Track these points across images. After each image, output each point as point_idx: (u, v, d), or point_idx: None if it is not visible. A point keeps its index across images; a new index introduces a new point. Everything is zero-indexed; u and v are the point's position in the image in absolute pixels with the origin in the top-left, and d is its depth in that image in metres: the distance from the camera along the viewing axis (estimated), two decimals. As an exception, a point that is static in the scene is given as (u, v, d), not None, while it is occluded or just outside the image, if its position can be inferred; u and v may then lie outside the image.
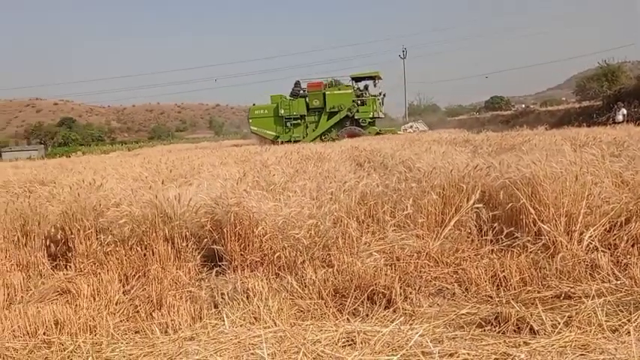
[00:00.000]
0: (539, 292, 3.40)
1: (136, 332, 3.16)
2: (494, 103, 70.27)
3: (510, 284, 3.54)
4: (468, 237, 4.38)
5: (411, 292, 3.45)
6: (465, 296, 3.50)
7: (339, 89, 27.18)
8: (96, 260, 4.49)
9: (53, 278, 4.41)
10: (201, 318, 3.25)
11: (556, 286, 3.45)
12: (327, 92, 26.89)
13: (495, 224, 4.30)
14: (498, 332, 2.79)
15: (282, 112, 27.25)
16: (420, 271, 3.78)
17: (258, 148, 15.86)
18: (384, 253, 4.00)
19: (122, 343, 2.86)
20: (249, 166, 8.59)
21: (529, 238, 4.07)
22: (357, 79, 27.73)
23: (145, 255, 4.33)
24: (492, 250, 4.12)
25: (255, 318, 3.15)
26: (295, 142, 24.24)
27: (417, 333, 2.47)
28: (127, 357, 2.62)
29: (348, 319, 3.10)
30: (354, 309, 3.29)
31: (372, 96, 27.34)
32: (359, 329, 2.62)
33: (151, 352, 2.65)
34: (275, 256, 4.03)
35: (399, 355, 2.29)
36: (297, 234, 4.04)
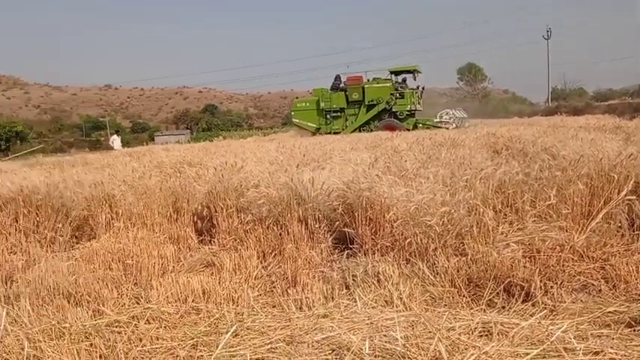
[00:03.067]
0: (703, 295, 3.04)
1: (273, 306, 3.33)
2: (652, 87, 63.22)
3: (668, 284, 3.20)
4: (617, 231, 4.02)
5: (552, 287, 3.25)
6: (613, 294, 3.23)
7: (378, 82, 27.34)
8: (237, 237, 4.79)
9: (200, 252, 4.78)
10: (333, 298, 3.34)
11: None
12: (365, 85, 27.20)
13: (651, 218, 3.90)
14: (651, 334, 2.55)
15: (323, 104, 27.81)
16: (563, 265, 3.54)
17: (389, 134, 15.77)
18: (522, 244, 3.80)
19: (261, 315, 3.03)
20: (380, 152, 8.59)
21: (693, 236, 3.64)
22: (395, 73, 27.67)
23: (280, 234, 4.53)
24: (646, 247, 3.75)
25: (386, 301, 3.18)
26: (335, 133, 24.73)
27: (559, 328, 2.33)
28: (265, 328, 2.77)
29: (483, 309, 3.01)
30: (490, 300, 3.18)
31: (410, 89, 27.04)
32: (496, 320, 2.53)
33: (288, 325, 2.77)
34: (406, 242, 4.01)
35: (539, 350, 2.18)
36: (429, 221, 3.98)
